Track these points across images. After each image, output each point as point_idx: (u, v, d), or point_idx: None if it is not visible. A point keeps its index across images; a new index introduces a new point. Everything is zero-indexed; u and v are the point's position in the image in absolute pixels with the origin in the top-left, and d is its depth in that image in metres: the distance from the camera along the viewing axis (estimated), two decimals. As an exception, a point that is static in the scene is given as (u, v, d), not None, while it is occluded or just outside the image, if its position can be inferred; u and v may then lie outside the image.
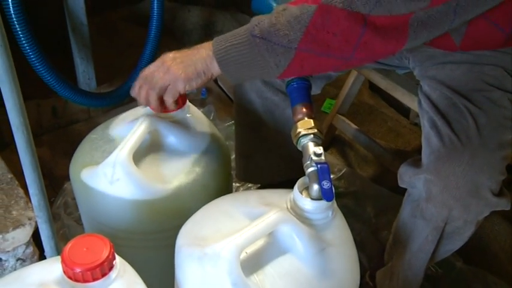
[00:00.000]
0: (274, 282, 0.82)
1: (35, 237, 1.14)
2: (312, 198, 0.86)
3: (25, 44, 1.44)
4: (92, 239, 0.74)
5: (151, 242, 1.06)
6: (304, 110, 0.98)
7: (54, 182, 1.58)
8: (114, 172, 0.98)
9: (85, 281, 0.72)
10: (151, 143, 1.06)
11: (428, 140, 1.00)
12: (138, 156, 1.02)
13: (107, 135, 1.09)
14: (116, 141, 1.05)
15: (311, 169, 0.88)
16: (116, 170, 0.98)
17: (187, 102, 1.10)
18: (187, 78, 0.96)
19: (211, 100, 1.98)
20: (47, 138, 1.78)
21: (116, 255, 0.76)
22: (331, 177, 0.87)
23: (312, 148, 0.91)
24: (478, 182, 0.94)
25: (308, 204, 0.86)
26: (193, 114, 1.12)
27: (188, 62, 0.97)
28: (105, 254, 0.73)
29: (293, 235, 0.84)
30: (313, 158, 0.89)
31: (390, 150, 1.59)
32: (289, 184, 0.94)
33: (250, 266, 0.83)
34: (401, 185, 1.06)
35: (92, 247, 0.73)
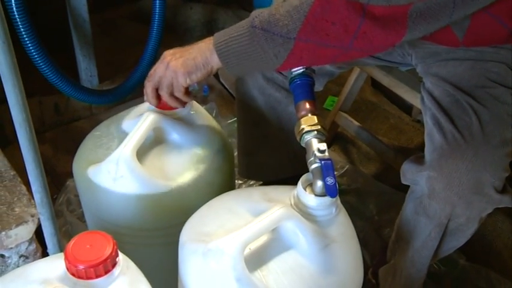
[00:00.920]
0: (278, 278, 0.82)
1: (38, 234, 1.14)
2: (316, 195, 0.86)
3: (27, 42, 1.44)
4: (95, 236, 0.74)
5: (154, 239, 1.06)
6: (307, 106, 0.98)
7: (56, 179, 1.58)
8: (117, 169, 0.98)
9: (88, 278, 0.72)
10: (155, 140, 1.06)
11: (431, 137, 1.00)
12: (142, 153, 1.02)
13: (110, 132, 1.09)
14: (120, 138, 1.05)
15: (315, 165, 0.88)
16: (120, 167, 0.98)
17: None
18: (187, 71, 0.97)
19: (213, 97, 1.98)
20: (50, 135, 1.78)
21: (119, 252, 0.75)
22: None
23: (316, 144, 0.91)
24: (481, 179, 0.94)
25: (312, 200, 0.86)
26: (196, 111, 1.12)
27: (187, 56, 0.98)
28: (108, 251, 0.73)
29: (297, 231, 0.84)
30: (317, 154, 0.88)
31: (393, 148, 1.58)
32: (291, 181, 0.94)
33: (254, 262, 0.83)
34: (404, 182, 1.06)
35: (95, 244, 0.73)
